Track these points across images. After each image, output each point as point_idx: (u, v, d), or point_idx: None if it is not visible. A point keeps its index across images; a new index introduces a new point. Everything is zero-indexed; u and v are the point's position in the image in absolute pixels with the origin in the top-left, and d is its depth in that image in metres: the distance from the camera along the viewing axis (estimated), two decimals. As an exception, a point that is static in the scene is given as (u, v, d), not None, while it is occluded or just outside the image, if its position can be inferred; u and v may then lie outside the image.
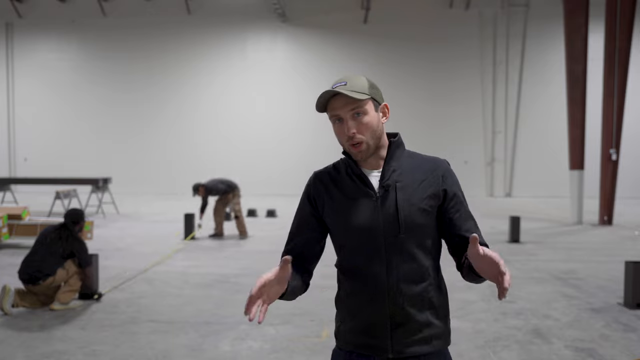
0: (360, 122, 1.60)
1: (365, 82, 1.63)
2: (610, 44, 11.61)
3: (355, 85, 1.60)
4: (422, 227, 1.63)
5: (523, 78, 20.40)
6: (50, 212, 12.04)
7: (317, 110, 1.68)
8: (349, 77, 1.63)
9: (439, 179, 1.66)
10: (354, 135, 1.60)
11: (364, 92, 1.60)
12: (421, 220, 1.63)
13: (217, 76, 21.03)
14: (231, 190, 9.69)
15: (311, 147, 20.60)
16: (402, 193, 1.62)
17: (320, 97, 1.61)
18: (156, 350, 4.15)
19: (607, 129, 11.82)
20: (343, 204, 1.67)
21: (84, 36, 21.47)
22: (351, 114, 1.60)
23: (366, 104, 1.61)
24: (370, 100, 1.62)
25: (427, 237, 1.65)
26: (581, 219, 12.19)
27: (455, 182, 1.70)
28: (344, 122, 1.62)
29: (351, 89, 1.59)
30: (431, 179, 1.65)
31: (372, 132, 1.62)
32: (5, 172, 21.67)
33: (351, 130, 1.60)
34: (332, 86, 1.62)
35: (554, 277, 6.72)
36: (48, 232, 5.41)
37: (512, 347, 4.23)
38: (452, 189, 1.67)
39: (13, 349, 4.16)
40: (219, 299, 5.67)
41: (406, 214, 1.61)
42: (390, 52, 20.06)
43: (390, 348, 1.62)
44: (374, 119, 1.63)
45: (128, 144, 21.30)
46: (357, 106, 1.60)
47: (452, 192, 1.67)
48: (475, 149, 20.35)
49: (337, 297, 1.75)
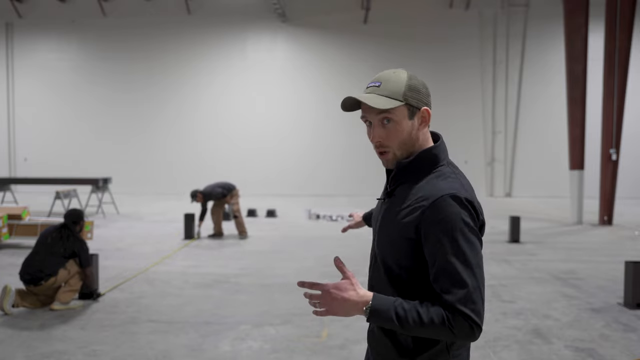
0: (389, 130, 1.47)
1: (402, 84, 1.46)
2: (610, 44, 11.61)
3: (389, 87, 1.46)
4: (392, 249, 1.48)
5: (523, 78, 20.40)
6: (50, 212, 12.04)
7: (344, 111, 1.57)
8: (387, 76, 1.48)
9: (419, 211, 1.40)
10: (379, 143, 1.49)
11: (396, 97, 1.45)
12: (389, 244, 1.48)
13: (217, 76, 21.03)
14: (228, 192, 9.77)
15: (311, 147, 20.61)
16: (391, 207, 1.52)
17: (343, 102, 1.50)
18: (156, 350, 4.15)
19: (607, 129, 11.82)
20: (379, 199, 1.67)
21: (84, 36, 21.47)
22: (379, 119, 1.47)
23: (397, 110, 1.45)
24: (404, 107, 1.46)
25: (394, 264, 1.47)
26: (581, 219, 12.19)
27: (441, 223, 1.36)
28: (373, 126, 1.50)
29: (381, 92, 1.45)
30: (413, 208, 1.43)
31: (401, 142, 1.47)
32: (5, 172, 21.67)
33: (376, 139, 1.49)
34: (367, 84, 1.51)
35: (554, 277, 6.72)
36: (49, 232, 5.41)
37: (512, 347, 4.23)
38: (428, 228, 1.38)
39: (13, 349, 4.16)
40: (219, 299, 5.67)
41: (383, 230, 1.52)
42: (390, 52, 20.05)
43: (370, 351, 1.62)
44: (405, 127, 1.47)
45: (128, 144, 21.30)
46: (387, 112, 1.45)
47: (426, 232, 1.39)
48: (475, 149, 20.35)
49: None
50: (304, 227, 11.40)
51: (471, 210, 1.39)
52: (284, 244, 9.27)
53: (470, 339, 1.37)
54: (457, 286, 1.33)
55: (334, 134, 20.28)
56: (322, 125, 20.43)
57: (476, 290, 1.34)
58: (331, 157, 20.38)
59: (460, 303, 1.32)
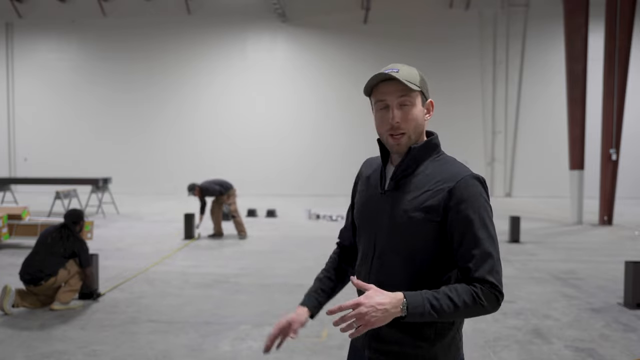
0: (406, 112, 1.53)
1: (417, 74, 1.56)
2: (610, 43, 11.62)
3: (408, 74, 1.53)
4: (407, 237, 1.51)
5: (523, 78, 20.40)
6: (50, 212, 12.04)
7: (364, 93, 1.61)
8: (402, 66, 1.55)
9: (445, 193, 1.48)
10: (398, 125, 1.52)
11: (416, 83, 1.53)
12: (410, 230, 1.50)
13: (217, 76, 21.03)
14: (226, 191, 9.76)
15: (311, 147, 20.61)
16: (401, 196, 1.54)
17: (371, 80, 1.54)
18: (156, 350, 4.15)
19: (607, 129, 11.82)
20: (363, 193, 1.69)
21: (84, 36, 21.47)
22: (399, 102, 1.53)
23: (416, 95, 1.54)
24: (420, 94, 1.55)
25: (413, 250, 1.51)
26: (581, 219, 12.19)
27: (468, 201, 1.46)
28: (389, 109, 1.53)
29: (403, 77, 1.51)
30: (435, 191, 1.49)
31: (416, 126, 1.54)
32: (5, 172, 21.67)
33: (396, 119, 1.52)
34: (385, 70, 1.54)
35: (554, 277, 6.72)
36: (49, 232, 5.41)
37: (512, 347, 4.22)
38: (457, 207, 1.46)
39: (13, 349, 4.16)
40: (219, 299, 5.67)
41: (395, 218, 1.53)
42: (390, 52, 20.03)
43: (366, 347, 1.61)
44: (420, 112, 1.55)
45: (128, 144, 21.30)
46: (407, 95, 1.52)
47: (455, 211, 1.46)
48: (475, 149, 20.35)
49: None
50: (304, 227, 11.40)
51: (486, 188, 1.53)
52: (284, 244, 9.27)
53: (495, 309, 1.47)
54: (485, 258, 1.44)
55: (334, 134, 20.28)
56: (322, 125, 20.43)
57: (498, 261, 1.47)
58: (331, 157, 20.37)
59: (489, 274, 1.43)
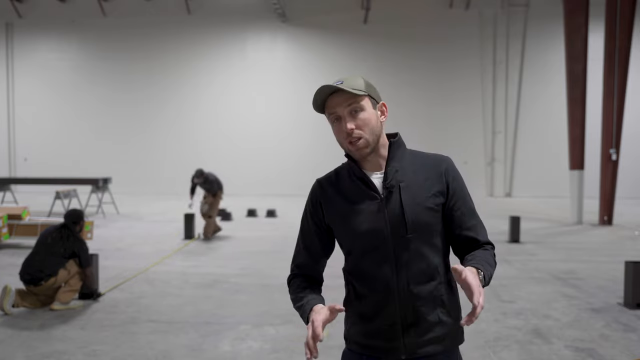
0: (358, 118, 1.59)
1: (361, 81, 1.63)
2: (610, 43, 11.61)
3: (352, 83, 1.60)
4: (429, 226, 1.62)
5: (523, 78, 20.40)
6: (50, 212, 12.04)
7: (315, 110, 1.67)
8: (345, 77, 1.63)
9: (442, 176, 1.64)
10: (352, 131, 1.58)
11: (361, 89, 1.60)
12: (428, 219, 1.61)
13: (217, 76, 21.03)
14: (219, 189, 9.74)
15: (311, 147, 20.60)
16: (406, 193, 1.60)
17: (316, 94, 1.60)
18: (156, 350, 4.15)
19: (607, 129, 11.82)
20: (347, 209, 1.65)
21: (84, 36, 21.47)
22: (349, 110, 1.59)
23: (363, 100, 1.60)
24: (368, 98, 1.62)
25: (434, 236, 1.64)
26: (581, 219, 12.19)
27: (458, 179, 1.68)
28: (342, 119, 1.60)
29: (348, 86, 1.58)
30: (435, 177, 1.64)
31: (371, 128, 1.60)
32: (5, 172, 21.66)
33: (349, 126, 1.58)
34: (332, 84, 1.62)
35: (554, 277, 6.72)
36: (49, 232, 5.41)
37: (512, 347, 4.22)
38: (453, 185, 1.65)
39: (13, 349, 4.16)
40: (219, 299, 5.67)
41: (412, 214, 1.59)
42: (390, 52, 20.05)
43: (403, 349, 1.61)
44: (372, 115, 1.61)
45: (128, 144, 21.30)
46: (354, 102, 1.59)
47: (453, 189, 1.65)
48: (475, 149, 20.34)
49: (346, 300, 1.73)
50: (304, 227, 11.38)
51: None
52: (284, 244, 9.27)
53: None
54: (481, 225, 1.70)
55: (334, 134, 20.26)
56: (322, 125, 20.26)
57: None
58: (331, 157, 20.23)
59: (488, 237, 1.70)
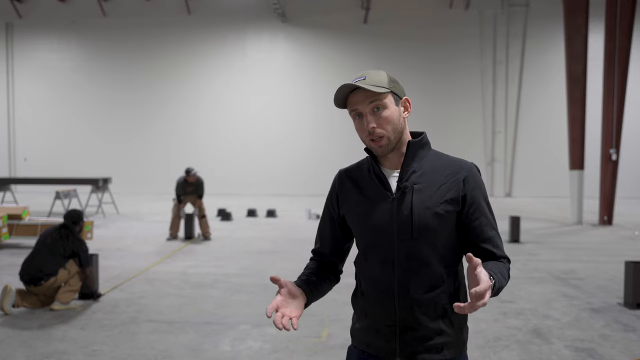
0: (380, 116, 1.56)
1: (384, 76, 1.59)
2: (610, 44, 11.61)
3: (374, 79, 1.57)
4: (437, 232, 1.57)
5: (523, 78, 20.40)
6: (50, 212, 12.04)
7: (336, 106, 1.65)
8: (368, 72, 1.60)
9: (460, 183, 1.59)
10: (373, 130, 1.56)
11: (383, 86, 1.56)
12: (435, 225, 1.57)
13: (217, 76, 21.03)
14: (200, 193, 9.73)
15: (311, 147, 20.61)
16: (418, 195, 1.57)
17: (338, 92, 1.58)
18: (156, 350, 4.15)
19: (607, 129, 11.82)
20: (362, 203, 1.66)
21: (84, 36, 21.48)
22: (370, 108, 1.56)
23: (385, 97, 1.57)
24: (390, 94, 1.58)
25: (442, 243, 1.59)
26: (581, 219, 12.18)
27: (478, 188, 1.61)
28: (363, 117, 1.58)
29: (370, 83, 1.56)
30: (451, 183, 1.59)
31: (393, 126, 1.58)
32: (5, 172, 21.67)
33: (371, 125, 1.56)
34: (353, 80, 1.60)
35: (554, 277, 6.72)
36: (49, 232, 5.41)
37: (512, 347, 4.22)
38: (472, 194, 1.59)
39: (13, 349, 4.15)
40: (219, 299, 5.67)
41: (420, 218, 1.56)
42: (390, 52, 20.06)
43: (398, 352, 1.60)
44: (395, 112, 1.58)
45: (128, 144, 21.30)
46: (376, 99, 1.56)
47: (471, 198, 1.59)
48: (475, 149, 20.35)
49: (353, 294, 1.74)
50: (304, 227, 11.40)
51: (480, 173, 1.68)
52: (284, 244, 9.28)
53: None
54: (499, 237, 1.64)
55: (334, 133, 20.27)
56: (322, 125, 20.42)
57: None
58: (331, 157, 20.36)
59: (504, 251, 1.64)
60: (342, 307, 5.16)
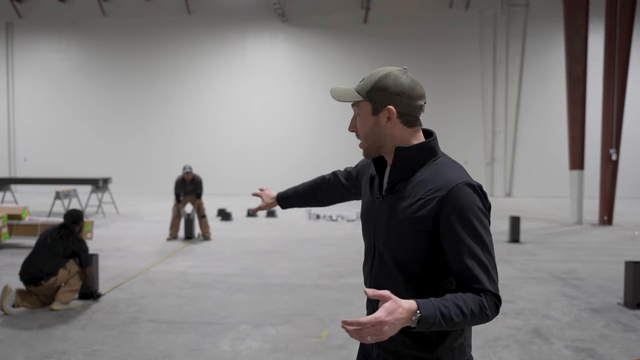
0: (358, 121, 1.59)
1: (371, 83, 1.52)
2: (610, 44, 11.61)
3: (362, 84, 1.54)
4: (402, 247, 1.50)
5: (523, 78, 20.40)
6: (50, 212, 12.04)
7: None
8: (373, 73, 1.55)
9: (435, 203, 1.43)
10: (353, 131, 1.61)
11: (361, 93, 1.53)
12: (402, 239, 1.49)
13: (217, 76, 21.03)
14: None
15: (311, 146, 20.61)
16: (396, 204, 1.51)
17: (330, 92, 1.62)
18: (156, 350, 4.15)
19: (607, 129, 11.82)
20: (365, 193, 1.71)
21: (84, 36, 21.48)
22: (354, 111, 1.60)
23: (362, 105, 1.54)
24: (368, 103, 1.53)
25: (408, 257, 1.49)
26: (581, 219, 12.18)
27: (458, 211, 1.41)
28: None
29: (357, 87, 1.56)
30: (427, 200, 1.45)
31: (364, 135, 1.57)
32: (5, 172, 21.66)
33: (350, 127, 1.62)
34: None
35: (554, 277, 6.72)
36: (49, 232, 5.41)
37: (512, 347, 4.22)
38: (447, 217, 1.42)
39: (13, 349, 4.16)
40: (219, 299, 5.67)
41: (390, 226, 1.52)
42: (390, 52, 20.05)
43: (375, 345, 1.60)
44: (367, 122, 1.54)
45: (128, 144, 21.30)
46: (355, 105, 1.58)
47: (445, 221, 1.42)
48: (475, 149, 20.35)
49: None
50: (304, 227, 11.41)
51: (482, 195, 1.46)
52: (284, 244, 9.28)
53: (495, 316, 1.44)
54: (481, 269, 1.40)
55: (335, 134, 20.26)
56: (322, 125, 20.42)
57: (494, 268, 1.44)
58: (331, 157, 20.35)
59: (489, 284, 1.40)
60: (342, 307, 5.16)
